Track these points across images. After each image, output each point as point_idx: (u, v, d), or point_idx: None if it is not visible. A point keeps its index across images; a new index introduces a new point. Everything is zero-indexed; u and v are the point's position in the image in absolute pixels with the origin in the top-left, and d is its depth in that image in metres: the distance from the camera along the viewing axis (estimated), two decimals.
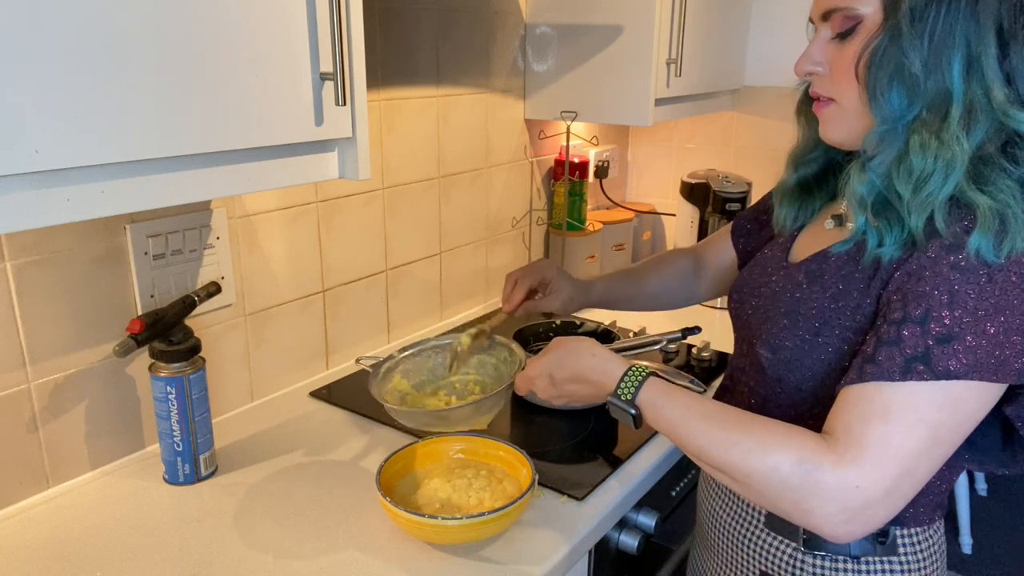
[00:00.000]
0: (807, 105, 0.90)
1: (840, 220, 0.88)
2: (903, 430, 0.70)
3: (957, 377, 0.69)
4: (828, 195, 0.94)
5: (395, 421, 1.24)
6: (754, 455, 0.74)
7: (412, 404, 1.08)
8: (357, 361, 1.10)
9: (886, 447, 0.70)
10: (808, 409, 0.84)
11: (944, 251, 0.72)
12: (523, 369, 0.98)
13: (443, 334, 1.13)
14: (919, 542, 0.86)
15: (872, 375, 0.72)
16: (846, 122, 0.82)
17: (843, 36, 0.79)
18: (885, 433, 0.70)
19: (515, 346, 1.07)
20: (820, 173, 0.94)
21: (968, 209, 0.72)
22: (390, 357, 1.09)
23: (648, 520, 1.15)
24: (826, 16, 0.81)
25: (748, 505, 0.92)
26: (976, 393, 0.70)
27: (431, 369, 1.17)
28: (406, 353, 1.11)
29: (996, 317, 0.69)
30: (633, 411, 0.82)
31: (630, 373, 0.84)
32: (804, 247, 0.92)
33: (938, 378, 0.69)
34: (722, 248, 1.18)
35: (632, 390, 0.82)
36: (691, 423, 0.79)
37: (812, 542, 0.86)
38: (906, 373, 0.70)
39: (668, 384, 0.83)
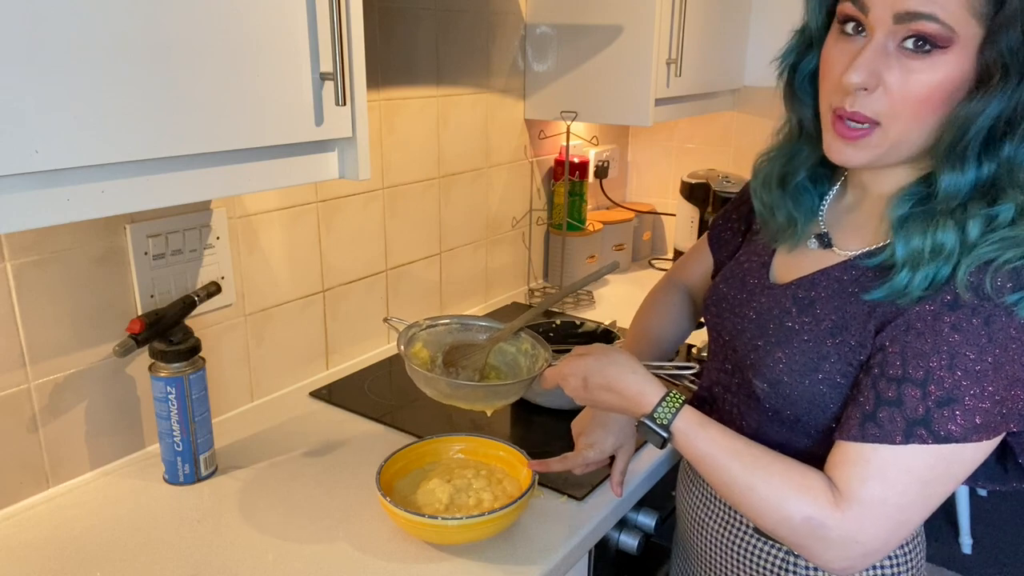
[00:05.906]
0: (807, 112, 0.84)
1: (824, 240, 0.86)
2: (900, 489, 0.72)
3: (956, 441, 0.70)
4: (816, 197, 0.89)
5: (395, 421, 1.26)
6: (769, 504, 0.76)
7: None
8: (384, 320, 1.11)
9: (883, 506, 0.72)
10: (806, 438, 0.83)
11: (945, 309, 0.71)
12: (553, 365, 0.96)
13: (466, 314, 1.12)
14: None
15: (874, 437, 0.73)
16: (882, 150, 0.75)
17: (919, 49, 0.69)
18: (882, 493, 0.72)
19: (543, 347, 1.05)
20: (808, 177, 0.88)
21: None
22: (415, 324, 1.08)
23: (648, 520, 1.15)
24: (903, 19, 0.69)
25: (736, 512, 0.92)
26: (972, 449, 0.71)
27: (450, 344, 1.16)
28: (430, 325, 1.09)
29: (997, 375, 0.69)
30: (665, 435, 0.83)
31: (668, 399, 0.84)
32: (785, 266, 0.89)
33: (938, 442, 0.70)
34: (706, 272, 1.13)
35: (670, 416, 0.83)
36: (718, 458, 0.80)
37: None
38: (908, 437, 0.71)
39: (701, 415, 0.83)
